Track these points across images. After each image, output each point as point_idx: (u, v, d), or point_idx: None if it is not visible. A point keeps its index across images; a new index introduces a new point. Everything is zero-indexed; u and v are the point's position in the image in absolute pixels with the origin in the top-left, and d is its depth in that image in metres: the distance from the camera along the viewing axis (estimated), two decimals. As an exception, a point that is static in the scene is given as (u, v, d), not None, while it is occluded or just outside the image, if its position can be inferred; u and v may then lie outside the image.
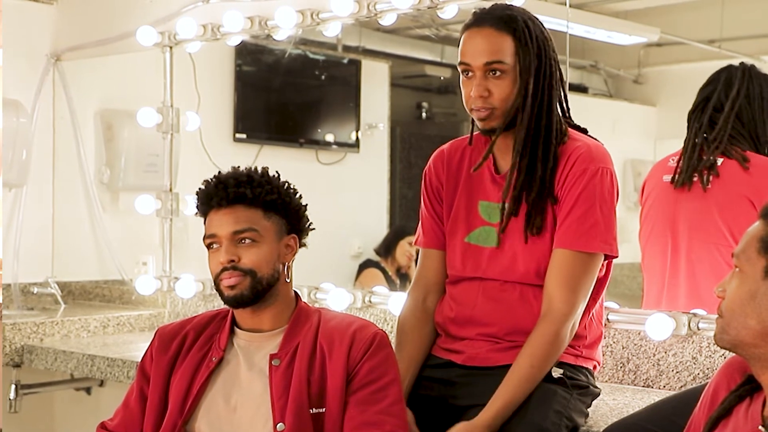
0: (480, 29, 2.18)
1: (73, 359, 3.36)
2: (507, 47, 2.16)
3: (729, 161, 2.74)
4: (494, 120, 2.18)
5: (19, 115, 3.97)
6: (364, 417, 2.02)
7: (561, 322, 2.13)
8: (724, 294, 1.64)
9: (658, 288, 2.87)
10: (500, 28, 2.17)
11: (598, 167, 2.15)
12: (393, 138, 5.10)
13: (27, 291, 4.08)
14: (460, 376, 2.22)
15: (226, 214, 2.09)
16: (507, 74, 2.16)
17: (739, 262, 1.62)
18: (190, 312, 3.71)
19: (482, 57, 2.16)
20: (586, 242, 2.13)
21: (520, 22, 2.17)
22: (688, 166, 2.78)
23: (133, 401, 2.19)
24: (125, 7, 4.04)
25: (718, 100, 2.81)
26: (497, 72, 2.16)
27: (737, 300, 1.61)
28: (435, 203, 2.36)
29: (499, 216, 2.22)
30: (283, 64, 4.65)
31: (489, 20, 2.18)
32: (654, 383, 2.64)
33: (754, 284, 1.59)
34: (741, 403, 1.66)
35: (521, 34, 2.16)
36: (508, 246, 2.21)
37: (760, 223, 1.62)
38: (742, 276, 1.61)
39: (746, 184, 2.72)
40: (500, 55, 2.15)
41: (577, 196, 2.14)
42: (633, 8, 4.59)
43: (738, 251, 1.63)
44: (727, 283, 1.64)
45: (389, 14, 3.23)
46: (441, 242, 2.35)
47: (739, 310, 1.60)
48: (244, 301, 2.09)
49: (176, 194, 3.86)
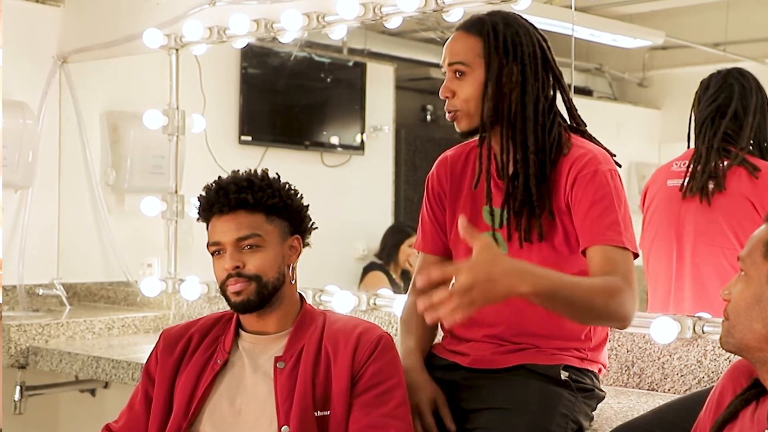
0: (454, 35, 2.22)
1: (78, 361, 3.36)
2: (470, 48, 2.17)
3: (737, 168, 2.75)
4: (461, 121, 2.19)
5: (26, 117, 3.97)
6: (368, 420, 2.02)
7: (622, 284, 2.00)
8: (729, 297, 1.64)
9: (663, 293, 2.87)
10: (469, 31, 2.19)
11: (607, 168, 2.14)
12: (398, 140, 5.10)
13: (32, 292, 4.09)
14: (465, 379, 2.22)
15: (229, 220, 2.09)
16: (469, 75, 2.17)
17: (745, 266, 1.62)
18: (195, 314, 3.71)
19: (447, 59, 2.20)
20: (611, 237, 2.07)
21: (488, 24, 2.17)
22: (702, 174, 2.78)
23: (137, 403, 2.19)
24: (131, 9, 4.04)
25: (735, 110, 2.81)
26: (460, 73, 2.17)
27: (742, 303, 1.61)
28: (436, 209, 2.36)
29: (501, 221, 2.22)
30: (288, 66, 4.65)
31: (463, 27, 2.22)
32: (659, 387, 2.64)
33: (759, 288, 1.59)
34: (747, 407, 1.66)
35: (486, 37, 2.16)
36: (516, 251, 2.21)
37: (765, 227, 1.63)
38: (747, 279, 1.61)
39: (751, 188, 2.73)
40: (461, 56, 2.17)
41: (592, 197, 2.10)
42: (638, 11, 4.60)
43: (743, 255, 1.63)
44: (732, 286, 1.64)
45: (395, 17, 3.23)
46: (440, 248, 2.35)
47: (744, 313, 1.61)
48: (251, 307, 2.10)
49: (182, 196, 3.86)
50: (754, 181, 2.73)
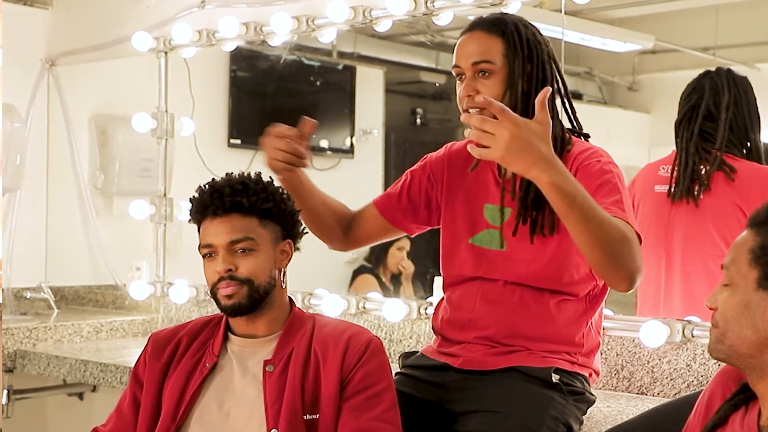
0: (471, 33, 2.22)
1: (65, 364, 3.35)
2: (495, 48, 2.18)
3: (717, 173, 2.75)
4: None
5: (14, 120, 3.96)
6: (358, 423, 2.02)
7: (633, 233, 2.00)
8: (716, 305, 1.63)
9: (653, 298, 2.87)
10: (490, 31, 2.20)
11: (609, 160, 2.17)
12: (387, 144, 5.10)
13: (20, 296, 4.07)
14: (456, 381, 2.22)
15: (222, 223, 2.08)
16: (495, 75, 2.18)
17: (729, 274, 1.61)
18: (183, 317, 3.70)
19: (470, 58, 2.19)
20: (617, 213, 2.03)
21: (510, 25, 2.20)
22: (683, 178, 2.78)
23: (126, 407, 2.18)
24: (120, 12, 4.03)
25: (707, 109, 2.81)
26: (486, 72, 2.18)
27: (731, 311, 1.60)
28: (415, 187, 2.39)
29: (501, 219, 2.23)
30: (278, 69, 4.65)
31: (480, 25, 2.22)
32: (648, 390, 2.64)
33: (746, 295, 1.58)
34: (737, 412, 1.66)
35: (510, 37, 2.19)
36: (513, 248, 2.22)
37: (748, 234, 1.62)
38: (733, 287, 1.60)
39: (734, 193, 2.72)
40: (488, 55, 2.18)
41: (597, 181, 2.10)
42: (628, 16, 4.61)
43: (728, 263, 1.62)
44: (717, 294, 1.64)
45: (384, 21, 3.23)
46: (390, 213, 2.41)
47: (733, 320, 1.60)
48: (241, 310, 2.09)
49: (170, 199, 3.85)
50: (732, 184, 2.72)
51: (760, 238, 1.57)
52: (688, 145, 2.81)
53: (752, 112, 2.82)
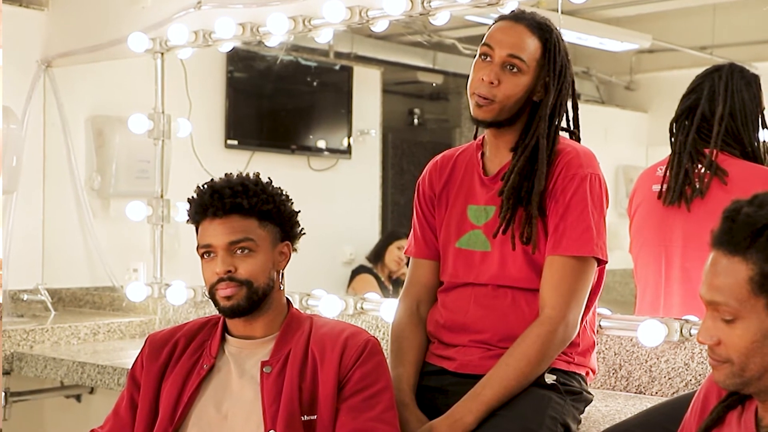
0: (515, 24, 2.20)
1: (63, 366, 3.34)
2: (534, 51, 2.18)
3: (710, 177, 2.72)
4: (489, 112, 2.18)
5: (10, 122, 3.95)
6: (355, 424, 2.01)
7: (553, 325, 2.11)
8: (716, 341, 1.56)
9: (653, 297, 2.86)
10: (533, 31, 2.19)
11: (587, 173, 2.16)
12: (385, 144, 5.10)
13: (17, 298, 4.06)
14: (453, 384, 2.21)
15: (222, 223, 2.08)
16: (522, 74, 2.17)
17: (730, 309, 1.53)
18: (181, 319, 3.69)
19: (507, 48, 2.17)
20: (579, 247, 2.13)
21: (554, 35, 2.20)
22: (677, 180, 2.76)
23: (123, 409, 2.18)
24: (117, 13, 4.03)
25: (702, 111, 2.79)
26: (514, 68, 2.17)
27: (748, 344, 1.53)
28: (428, 213, 2.36)
29: (485, 218, 2.22)
30: (274, 70, 4.65)
31: (527, 20, 2.21)
32: (646, 389, 2.64)
33: (761, 324, 1.52)
34: (733, 411, 1.65)
35: (551, 47, 2.19)
36: (500, 249, 2.21)
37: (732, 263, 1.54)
38: (741, 320, 1.53)
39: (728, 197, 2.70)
40: (523, 53, 2.17)
41: (567, 202, 2.15)
42: (625, 15, 4.61)
43: (722, 300, 1.54)
44: (714, 330, 1.56)
45: (381, 21, 3.23)
46: (432, 252, 2.36)
47: (754, 353, 1.53)
48: (240, 312, 2.08)
49: (167, 201, 3.85)
50: (725, 188, 2.69)
51: (757, 266, 1.51)
52: (682, 147, 2.78)
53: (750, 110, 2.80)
